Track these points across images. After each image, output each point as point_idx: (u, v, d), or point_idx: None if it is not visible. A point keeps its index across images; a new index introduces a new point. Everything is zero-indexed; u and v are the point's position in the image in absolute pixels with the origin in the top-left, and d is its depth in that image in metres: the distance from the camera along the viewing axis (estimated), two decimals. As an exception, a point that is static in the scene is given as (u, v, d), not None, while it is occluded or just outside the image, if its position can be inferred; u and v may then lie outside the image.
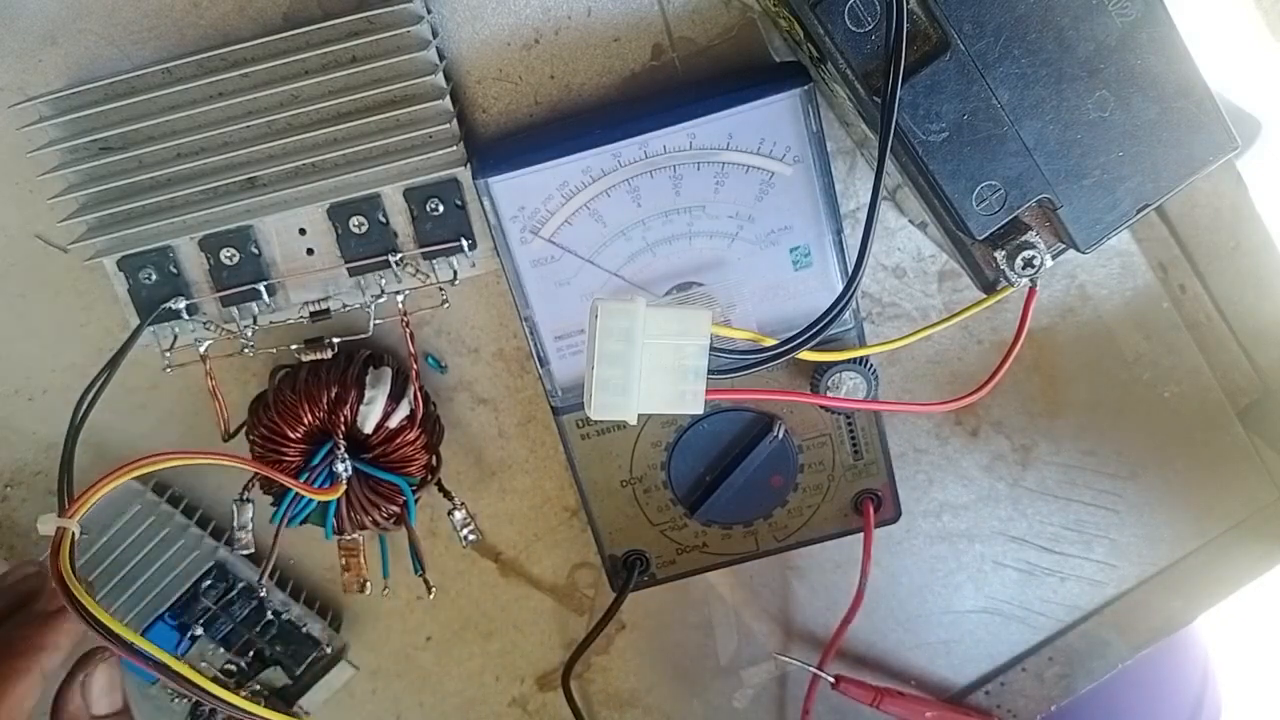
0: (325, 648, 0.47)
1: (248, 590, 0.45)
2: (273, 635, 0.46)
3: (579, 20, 0.39)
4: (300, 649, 0.46)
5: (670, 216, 0.38)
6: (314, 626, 0.46)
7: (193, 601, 0.45)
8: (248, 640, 0.45)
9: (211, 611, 0.45)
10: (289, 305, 0.40)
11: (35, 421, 0.44)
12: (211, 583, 0.45)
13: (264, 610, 0.45)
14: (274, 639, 0.46)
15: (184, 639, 0.45)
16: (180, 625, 0.45)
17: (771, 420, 0.41)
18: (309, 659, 0.46)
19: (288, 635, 0.46)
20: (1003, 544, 0.48)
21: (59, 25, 0.38)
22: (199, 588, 0.45)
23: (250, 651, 0.46)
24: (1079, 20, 0.30)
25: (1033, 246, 0.32)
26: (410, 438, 0.41)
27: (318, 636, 0.46)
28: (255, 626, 0.45)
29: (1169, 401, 0.46)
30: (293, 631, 0.46)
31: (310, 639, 0.46)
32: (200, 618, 0.45)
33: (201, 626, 0.45)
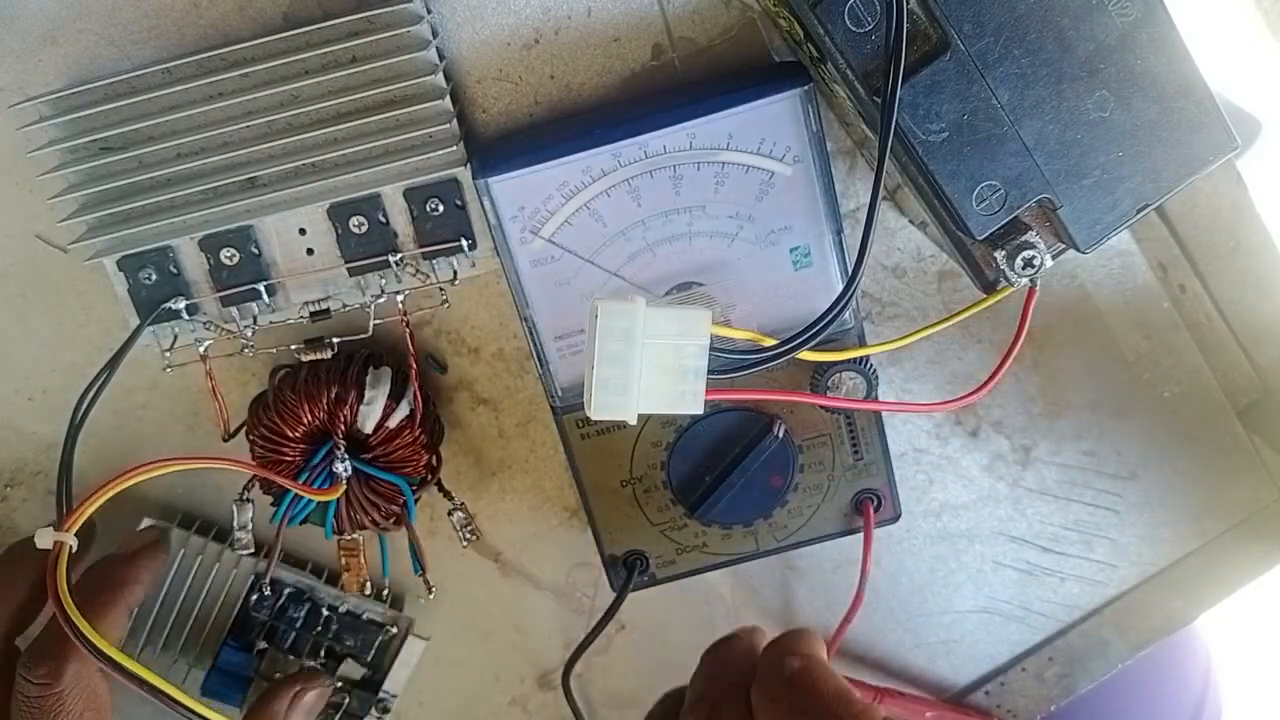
0: (390, 628, 0.46)
1: (297, 595, 0.45)
2: (336, 630, 0.46)
3: (579, 20, 0.39)
4: (367, 636, 0.46)
5: (670, 216, 0.38)
6: (374, 611, 0.46)
7: (248, 620, 0.45)
8: (314, 641, 0.45)
9: (268, 624, 0.45)
10: (289, 305, 0.40)
11: (35, 421, 0.44)
12: (258, 597, 0.45)
13: (319, 609, 0.46)
14: (338, 633, 0.46)
15: (252, 657, 0.45)
16: (244, 645, 0.45)
17: (771, 420, 0.41)
18: (377, 643, 0.46)
19: (351, 626, 0.46)
20: (1003, 544, 0.48)
21: (59, 25, 0.38)
22: (248, 605, 0.45)
23: (320, 651, 0.46)
24: (1079, 20, 0.30)
25: (1033, 246, 0.32)
26: (410, 438, 0.41)
27: (380, 619, 0.46)
28: (316, 626, 0.45)
29: (1169, 401, 0.46)
30: (354, 621, 0.46)
31: (373, 624, 0.46)
32: (259, 632, 0.45)
33: (264, 640, 0.45)
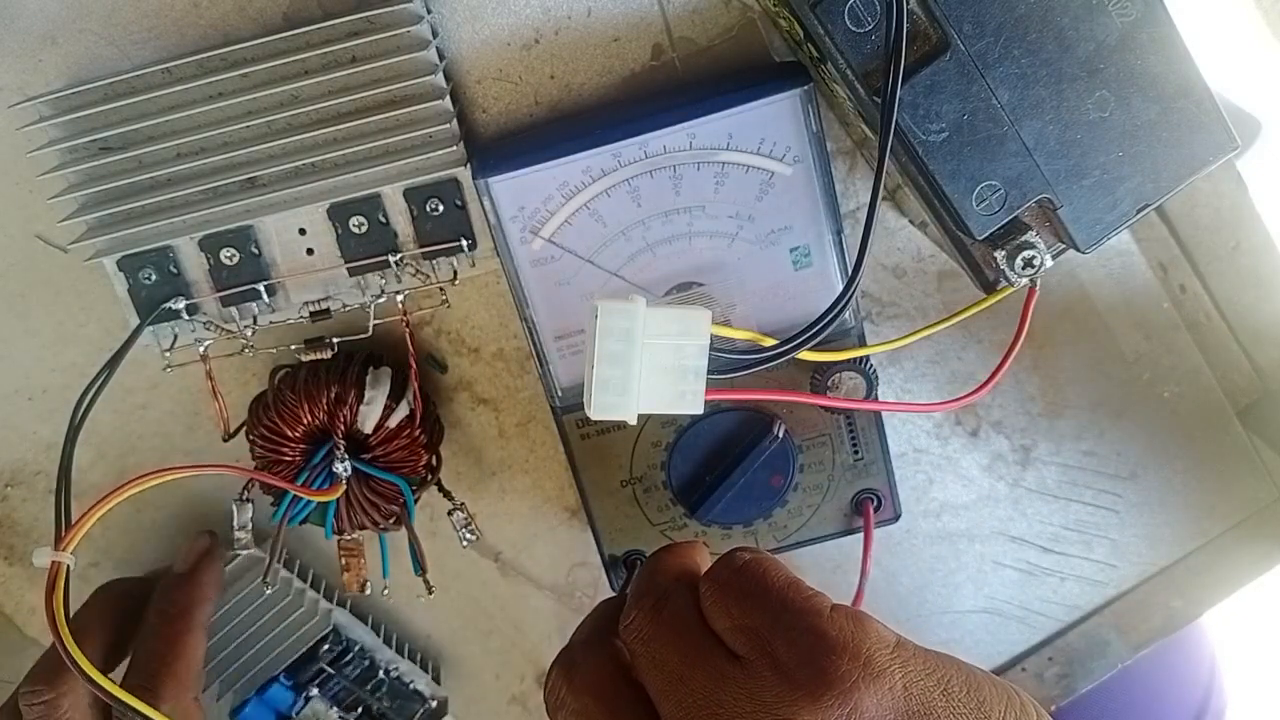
0: (430, 701, 0.47)
1: (362, 651, 0.46)
2: (383, 693, 0.47)
3: (579, 20, 0.39)
4: (407, 704, 0.47)
5: (670, 216, 0.38)
6: (420, 682, 0.47)
7: (309, 663, 0.46)
8: (358, 697, 0.46)
9: (326, 672, 0.46)
10: (289, 305, 0.40)
11: (35, 421, 0.44)
12: (329, 646, 0.46)
13: (375, 669, 0.46)
14: (383, 696, 0.47)
15: (299, 699, 0.46)
16: (296, 685, 0.46)
17: (771, 420, 0.41)
18: (414, 714, 0.47)
19: (396, 692, 0.47)
20: (1003, 544, 0.48)
21: (59, 25, 0.38)
22: (316, 651, 0.45)
23: (359, 708, 0.46)
24: (1079, 20, 0.30)
25: (1033, 246, 0.32)
26: (410, 438, 0.41)
27: (424, 691, 0.47)
28: (366, 684, 0.46)
29: (1169, 401, 0.46)
30: (401, 688, 0.47)
31: (417, 694, 0.47)
32: (315, 678, 0.46)
33: (316, 687, 0.46)
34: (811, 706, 0.26)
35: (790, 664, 0.27)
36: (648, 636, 0.30)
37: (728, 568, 0.31)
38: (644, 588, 0.32)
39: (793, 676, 0.27)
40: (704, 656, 0.29)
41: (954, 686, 0.28)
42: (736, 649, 0.29)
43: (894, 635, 0.29)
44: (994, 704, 0.28)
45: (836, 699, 0.26)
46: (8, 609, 0.48)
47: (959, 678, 0.28)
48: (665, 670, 0.29)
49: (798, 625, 0.28)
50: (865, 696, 0.27)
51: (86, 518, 0.35)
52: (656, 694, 0.29)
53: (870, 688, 0.27)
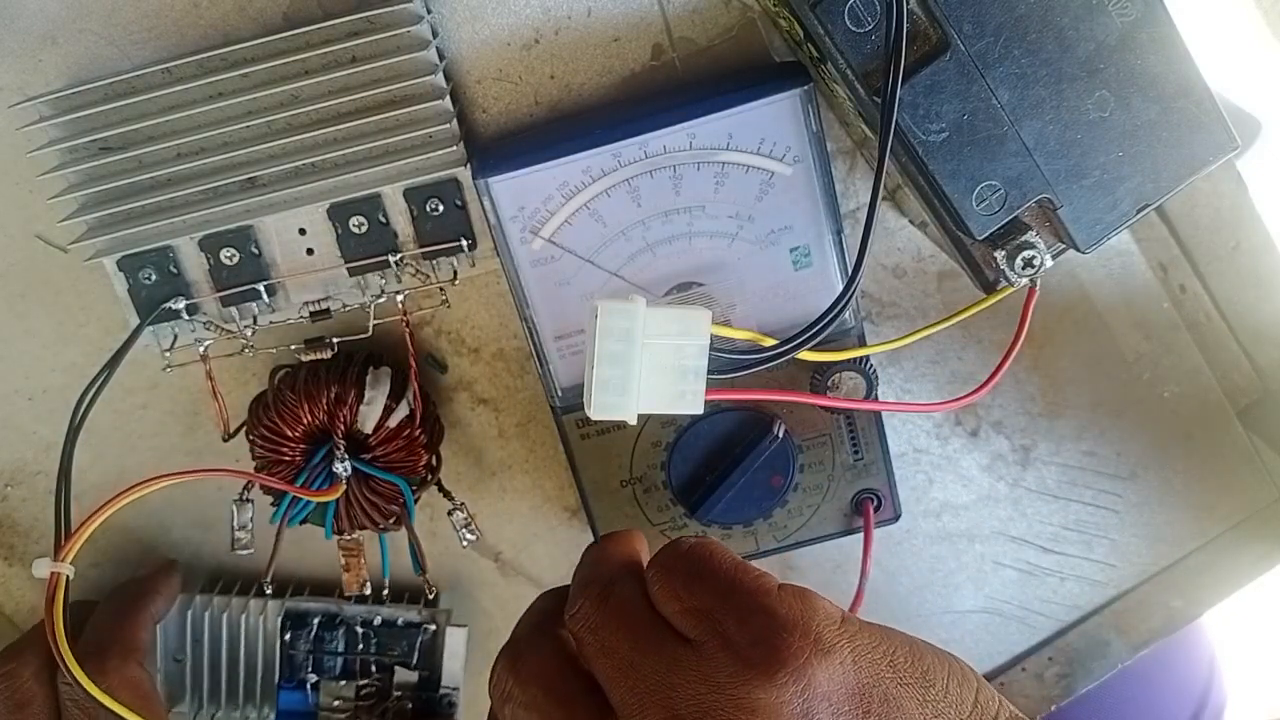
0: (428, 625, 0.46)
1: (328, 621, 0.46)
2: (377, 643, 0.46)
3: (579, 20, 0.39)
4: (409, 640, 0.46)
5: (670, 216, 0.38)
6: (408, 614, 0.46)
7: (291, 658, 0.45)
8: (361, 660, 0.46)
9: (311, 656, 0.45)
10: (289, 305, 0.40)
11: (35, 421, 0.44)
12: (291, 633, 0.45)
13: (353, 629, 0.46)
14: (381, 646, 0.46)
15: (309, 692, 0.45)
16: (298, 683, 0.45)
17: (771, 420, 0.41)
18: (420, 644, 0.46)
19: (390, 635, 0.46)
20: (1003, 544, 0.48)
21: (59, 25, 0.38)
22: (286, 644, 0.45)
23: (372, 667, 0.46)
24: (1079, 20, 0.30)
25: (1033, 246, 0.32)
26: (410, 438, 0.41)
27: (416, 620, 0.46)
28: (357, 646, 0.46)
29: (1169, 401, 0.46)
30: (392, 630, 0.46)
31: (410, 626, 0.46)
32: (305, 666, 0.45)
33: (313, 673, 0.45)
34: (766, 684, 0.27)
35: (742, 643, 0.28)
36: (595, 625, 0.30)
37: (674, 553, 0.31)
38: (588, 576, 0.32)
39: (745, 656, 0.27)
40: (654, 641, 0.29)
41: (899, 658, 0.29)
42: (687, 632, 0.29)
43: (839, 610, 0.29)
44: (937, 672, 0.29)
45: (790, 676, 0.27)
46: (7, 609, 0.48)
47: (903, 649, 0.29)
48: (615, 657, 0.29)
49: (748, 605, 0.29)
50: (818, 672, 0.27)
51: (85, 526, 0.35)
52: (607, 681, 0.29)
53: (822, 663, 0.27)
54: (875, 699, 0.28)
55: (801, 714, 0.27)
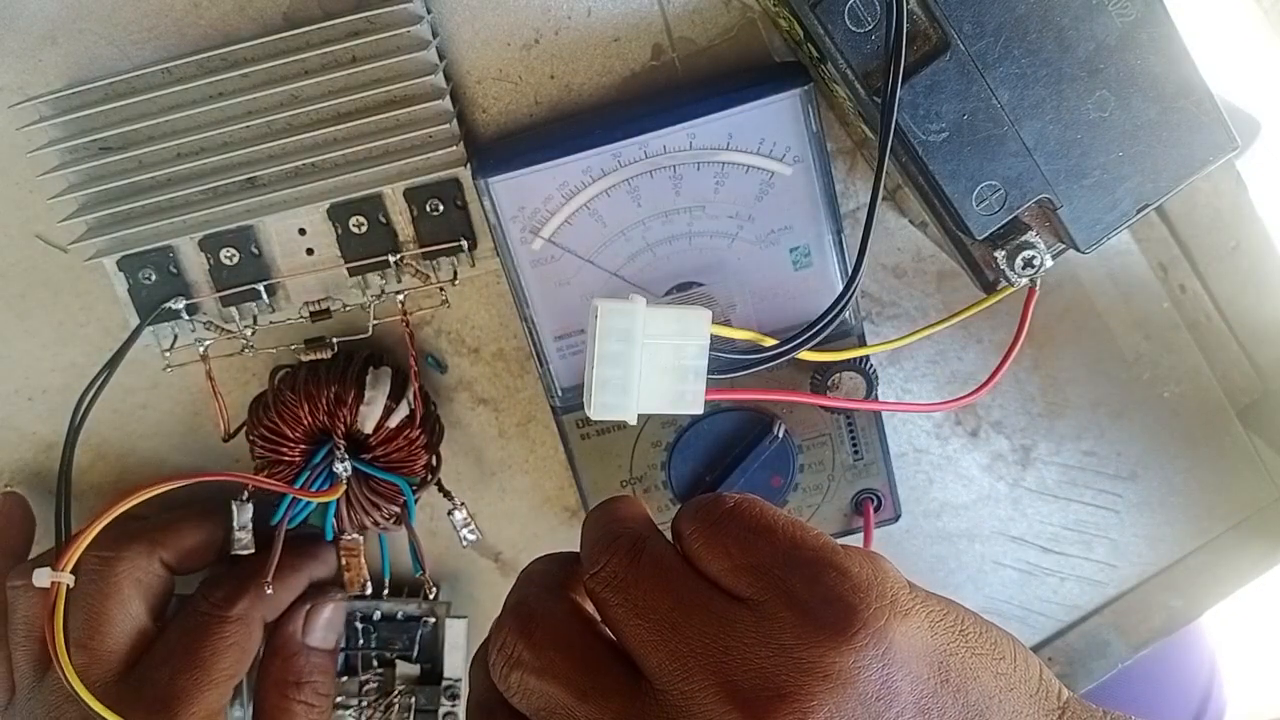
0: (427, 619, 0.46)
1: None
2: (378, 637, 0.46)
3: (579, 20, 0.39)
4: (409, 633, 0.46)
5: (670, 216, 0.38)
6: (407, 608, 0.46)
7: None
8: (362, 656, 0.46)
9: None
10: (289, 305, 0.40)
11: (35, 421, 0.44)
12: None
13: (354, 624, 0.46)
14: (382, 641, 0.46)
15: None
16: None
17: (771, 420, 0.41)
18: (420, 636, 0.46)
19: (390, 629, 0.46)
20: (1003, 544, 0.48)
21: (59, 25, 0.38)
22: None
23: (373, 662, 0.46)
24: (1079, 20, 0.30)
25: (1033, 246, 0.32)
26: (410, 438, 0.41)
27: (416, 613, 0.46)
28: (357, 640, 0.46)
29: (1169, 401, 0.46)
30: (391, 624, 0.46)
31: (410, 620, 0.46)
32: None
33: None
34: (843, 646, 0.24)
35: (813, 602, 0.25)
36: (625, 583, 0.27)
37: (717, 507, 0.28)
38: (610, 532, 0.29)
39: (817, 615, 0.25)
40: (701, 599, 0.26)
41: (969, 628, 0.27)
42: (740, 591, 0.26)
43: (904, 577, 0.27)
44: (1005, 645, 0.27)
45: (871, 638, 0.24)
46: (8, 609, 0.48)
47: (970, 619, 0.27)
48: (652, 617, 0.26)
49: (815, 561, 0.26)
50: (897, 635, 0.25)
51: (85, 534, 0.36)
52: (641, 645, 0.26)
53: (901, 626, 0.25)
54: (953, 668, 0.26)
55: (880, 681, 0.24)
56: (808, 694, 0.24)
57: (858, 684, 0.24)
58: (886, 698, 0.24)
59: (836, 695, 0.24)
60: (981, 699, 0.26)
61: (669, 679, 0.25)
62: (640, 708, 0.25)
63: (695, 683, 0.25)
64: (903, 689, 0.25)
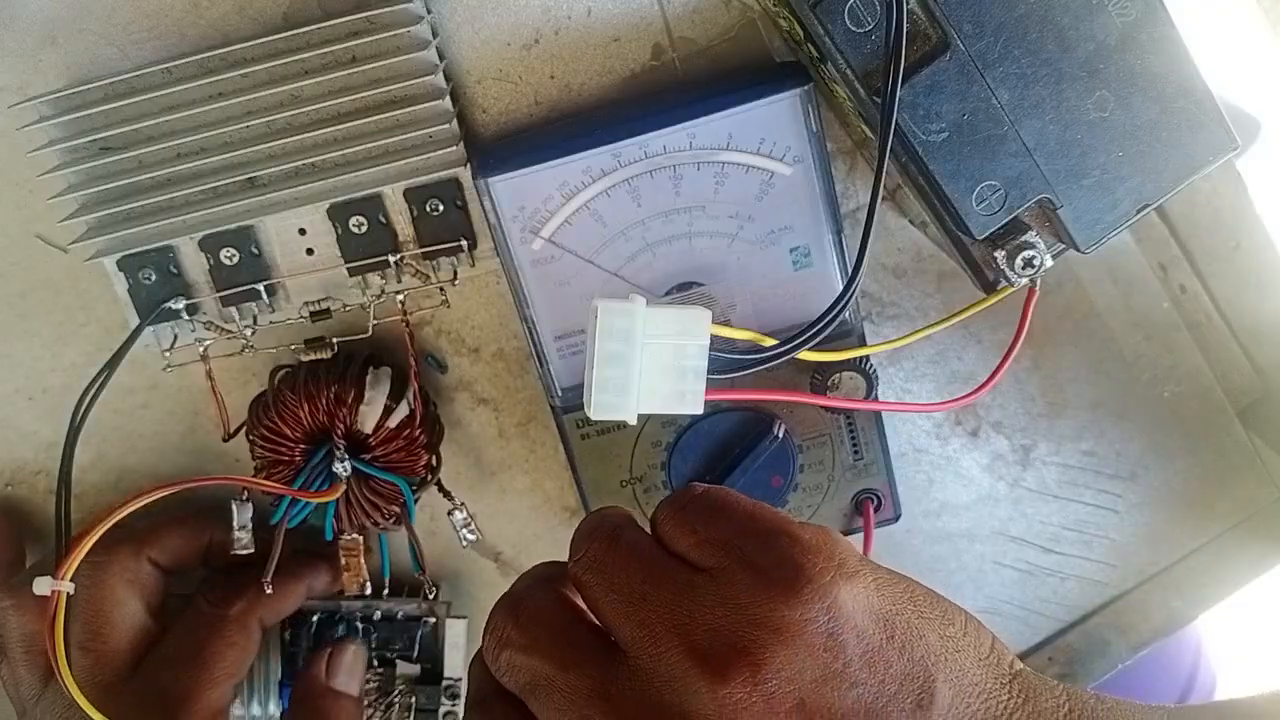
0: (427, 619, 0.46)
1: (328, 618, 0.46)
2: (378, 638, 0.46)
3: (579, 20, 0.39)
4: (409, 633, 0.46)
5: (670, 216, 0.38)
6: (407, 608, 0.46)
7: (292, 656, 0.45)
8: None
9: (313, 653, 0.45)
10: (289, 305, 0.40)
11: (35, 421, 0.44)
12: (291, 632, 0.45)
13: (353, 624, 0.46)
14: (381, 640, 0.46)
15: None
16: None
17: (771, 420, 0.41)
18: (420, 636, 0.46)
19: (390, 629, 0.46)
20: (1003, 544, 0.48)
21: (59, 25, 0.38)
22: (286, 643, 0.45)
23: (373, 662, 0.46)
24: (1079, 20, 0.30)
25: (1033, 246, 0.32)
26: (410, 438, 0.41)
27: (416, 613, 0.46)
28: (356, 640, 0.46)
29: (1169, 401, 0.46)
30: (392, 624, 0.46)
31: (409, 620, 0.46)
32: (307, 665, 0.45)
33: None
34: (791, 601, 0.26)
35: (765, 564, 0.27)
36: (603, 565, 0.29)
37: (686, 494, 0.30)
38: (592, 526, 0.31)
39: (768, 575, 0.27)
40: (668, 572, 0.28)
41: (918, 595, 0.29)
42: (703, 562, 0.28)
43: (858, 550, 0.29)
44: (955, 614, 0.29)
45: (816, 593, 0.26)
46: (8, 609, 0.48)
47: (921, 590, 0.29)
48: (624, 591, 0.28)
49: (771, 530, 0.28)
50: (842, 592, 0.27)
51: (85, 541, 0.36)
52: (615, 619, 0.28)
53: (846, 584, 0.27)
54: (899, 626, 0.27)
55: (826, 633, 0.26)
56: (760, 646, 0.26)
57: (806, 635, 0.26)
58: (833, 649, 0.26)
59: (787, 647, 0.26)
60: (927, 656, 0.27)
61: (639, 646, 0.27)
62: (615, 674, 0.27)
63: (662, 646, 0.27)
64: (849, 641, 0.26)
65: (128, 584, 0.40)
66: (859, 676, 0.26)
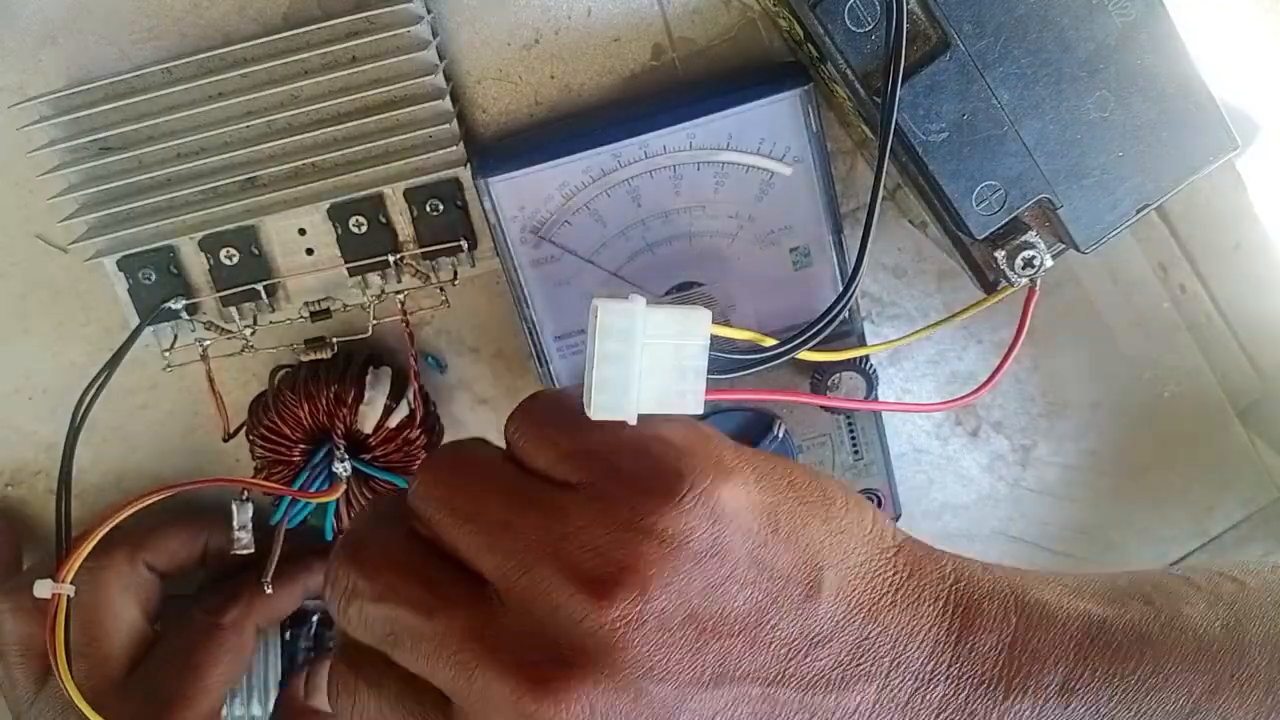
0: None
1: (327, 618, 0.46)
2: None
3: (579, 20, 0.39)
4: None
5: (670, 216, 0.38)
6: None
7: (291, 656, 0.45)
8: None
9: (311, 654, 0.45)
10: (289, 305, 0.40)
11: (35, 421, 0.44)
12: (291, 631, 0.45)
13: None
14: None
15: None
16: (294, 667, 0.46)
17: (771, 420, 0.41)
18: None
19: None
20: (1003, 544, 0.48)
21: (59, 25, 0.38)
22: (286, 642, 0.45)
23: None
24: (1079, 20, 0.30)
25: (1033, 246, 0.32)
26: (410, 438, 0.41)
27: None
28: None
29: (1169, 401, 0.46)
30: None
31: None
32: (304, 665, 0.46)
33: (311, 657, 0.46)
34: (671, 509, 0.25)
35: (639, 473, 0.25)
36: (450, 493, 0.26)
37: (536, 402, 0.27)
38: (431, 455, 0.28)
39: (646, 484, 0.25)
40: (529, 494, 0.26)
41: (797, 478, 0.28)
42: (569, 478, 0.26)
43: (730, 441, 0.27)
44: (835, 492, 0.28)
45: (698, 498, 0.25)
46: (8, 609, 0.48)
47: (799, 471, 0.28)
48: (482, 521, 0.25)
49: (640, 436, 0.26)
50: (723, 492, 0.25)
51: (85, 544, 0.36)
52: (476, 550, 0.25)
53: (726, 483, 0.26)
54: (782, 518, 0.26)
55: (712, 538, 0.25)
56: (646, 562, 0.24)
57: (690, 543, 0.25)
58: (720, 554, 0.25)
59: (672, 559, 0.24)
60: (813, 544, 0.27)
61: (511, 577, 0.25)
62: (488, 612, 0.25)
63: (536, 574, 0.25)
64: (734, 543, 0.25)
65: (123, 589, 0.41)
66: (747, 577, 0.25)
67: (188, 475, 0.45)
